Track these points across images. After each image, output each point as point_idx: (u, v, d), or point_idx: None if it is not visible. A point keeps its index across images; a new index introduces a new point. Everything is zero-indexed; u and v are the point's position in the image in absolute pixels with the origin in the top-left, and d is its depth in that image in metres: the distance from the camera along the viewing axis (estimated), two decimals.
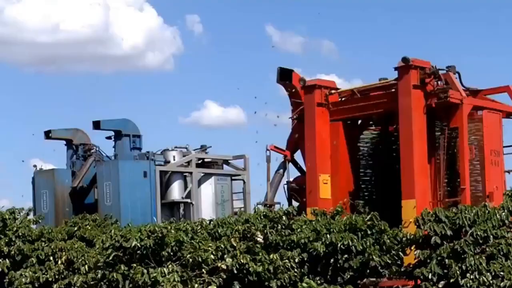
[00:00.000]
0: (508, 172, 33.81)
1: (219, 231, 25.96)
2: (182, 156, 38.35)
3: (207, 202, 37.75)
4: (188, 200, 37.69)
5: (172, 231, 24.90)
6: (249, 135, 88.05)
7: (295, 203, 35.22)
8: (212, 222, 26.86)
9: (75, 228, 30.00)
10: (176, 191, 37.65)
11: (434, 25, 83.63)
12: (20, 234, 28.66)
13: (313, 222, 26.13)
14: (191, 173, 37.98)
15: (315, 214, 27.37)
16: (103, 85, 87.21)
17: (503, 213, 24.57)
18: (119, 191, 35.70)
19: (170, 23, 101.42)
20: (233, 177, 39.85)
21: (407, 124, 31.76)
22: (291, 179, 36.20)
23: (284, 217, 26.41)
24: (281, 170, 36.26)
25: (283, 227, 26.19)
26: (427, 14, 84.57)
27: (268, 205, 34.87)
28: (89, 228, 30.11)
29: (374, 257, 24.94)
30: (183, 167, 38.06)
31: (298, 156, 36.39)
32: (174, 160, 37.97)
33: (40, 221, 30.15)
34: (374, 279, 25.57)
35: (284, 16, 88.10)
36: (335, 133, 34.55)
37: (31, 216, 30.14)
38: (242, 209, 38.98)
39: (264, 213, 26.64)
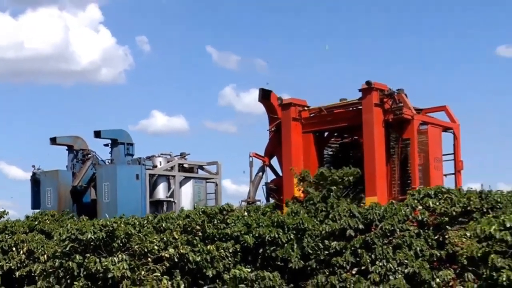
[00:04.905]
0: (445, 175, 32.64)
1: (163, 225, 24.18)
2: (166, 162, 36.79)
3: (186, 201, 35.96)
4: (171, 199, 36.21)
5: (122, 225, 23.16)
6: (191, 141, 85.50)
7: (272, 201, 33.98)
8: (156, 217, 25.02)
9: (36, 222, 27.87)
10: (161, 191, 36.19)
11: (356, 46, 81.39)
12: None
13: (245, 217, 24.20)
14: (174, 176, 36.51)
15: (248, 210, 25.51)
16: (64, 96, 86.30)
17: (407, 210, 22.89)
18: (116, 190, 34.17)
19: (122, 43, 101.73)
20: (207, 180, 38.27)
21: (369, 135, 31.04)
22: (269, 181, 34.79)
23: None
24: (261, 173, 34.86)
25: (219, 221, 24.23)
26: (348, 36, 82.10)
27: (250, 202, 33.62)
28: (48, 222, 27.99)
29: (292, 259, 22.82)
30: (168, 171, 36.53)
31: (274, 161, 35.01)
32: (160, 165, 36.53)
33: (4, 216, 28.49)
34: None
35: (222, 38, 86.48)
36: (306, 142, 33.61)
37: None
38: None
39: (203, 209, 24.79)
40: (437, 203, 22.73)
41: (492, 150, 70.39)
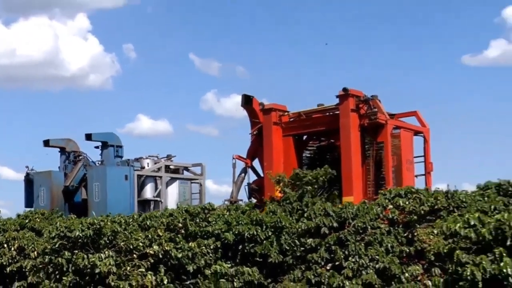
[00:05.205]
0: (417, 176, 32.57)
1: (148, 223, 23.95)
2: (153, 163, 36.51)
3: (172, 200, 35.52)
4: (158, 199, 35.90)
5: (109, 223, 22.90)
6: (175, 143, 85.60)
7: (254, 200, 33.76)
8: (141, 216, 24.75)
9: (26, 221, 27.61)
10: (148, 191, 35.90)
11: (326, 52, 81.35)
12: None
13: (226, 216, 23.95)
14: (160, 177, 36.20)
15: (228, 209, 25.28)
16: (55, 101, 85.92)
17: (379, 209, 22.77)
18: (106, 190, 33.85)
19: (110, 50, 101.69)
20: (192, 181, 37.95)
21: (346, 139, 30.98)
22: (251, 181, 34.55)
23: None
24: (243, 174, 34.55)
25: (201, 220, 23.96)
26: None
27: (233, 202, 33.30)
28: (38, 220, 27.66)
29: (271, 254, 22.63)
30: (155, 172, 36.23)
31: (256, 163, 34.77)
32: (147, 166, 36.23)
33: None
34: None
35: (204, 46, 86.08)
36: (286, 145, 33.42)
37: None
38: None
39: (185, 208, 24.53)
40: (407, 203, 22.64)
41: (458, 153, 70.75)
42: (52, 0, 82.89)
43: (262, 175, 33.93)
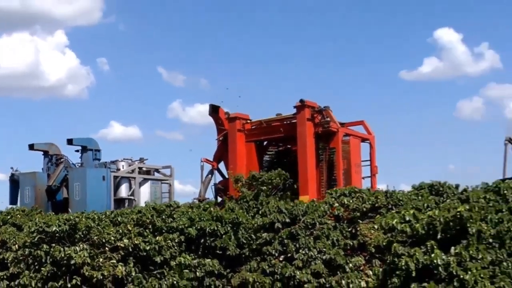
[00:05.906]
0: (364, 178, 32.61)
1: (119, 219, 23.49)
2: (128, 166, 36.25)
3: (144, 199, 34.88)
4: (132, 197, 35.62)
5: (83, 219, 22.63)
6: (145, 148, 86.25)
7: (219, 199, 33.57)
8: (113, 212, 24.47)
9: (8, 217, 27.01)
10: (123, 191, 35.65)
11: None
12: None
13: (189, 212, 23.72)
14: (134, 178, 35.97)
15: (191, 206, 25.06)
16: (36, 109, 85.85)
17: (326, 206, 22.74)
18: (85, 189, 33.58)
19: (85, 63, 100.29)
20: (162, 181, 37.69)
21: (303, 145, 30.94)
22: (217, 182, 34.24)
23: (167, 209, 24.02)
24: (210, 175, 34.25)
25: (167, 216, 23.71)
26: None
27: (201, 200, 33.05)
28: (19, 216, 27.10)
29: (230, 247, 22.42)
30: (129, 174, 35.97)
31: (221, 166, 34.59)
32: (123, 168, 36.02)
33: None
34: None
35: (171, 60, 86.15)
36: (249, 150, 33.32)
37: None
38: None
39: (153, 205, 24.26)
40: (351, 201, 22.61)
41: (396, 157, 71.43)
42: (33, 18, 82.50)
43: (227, 176, 33.82)
